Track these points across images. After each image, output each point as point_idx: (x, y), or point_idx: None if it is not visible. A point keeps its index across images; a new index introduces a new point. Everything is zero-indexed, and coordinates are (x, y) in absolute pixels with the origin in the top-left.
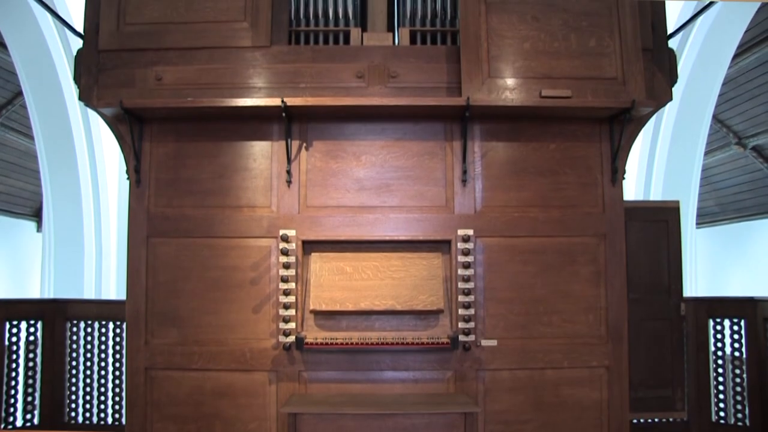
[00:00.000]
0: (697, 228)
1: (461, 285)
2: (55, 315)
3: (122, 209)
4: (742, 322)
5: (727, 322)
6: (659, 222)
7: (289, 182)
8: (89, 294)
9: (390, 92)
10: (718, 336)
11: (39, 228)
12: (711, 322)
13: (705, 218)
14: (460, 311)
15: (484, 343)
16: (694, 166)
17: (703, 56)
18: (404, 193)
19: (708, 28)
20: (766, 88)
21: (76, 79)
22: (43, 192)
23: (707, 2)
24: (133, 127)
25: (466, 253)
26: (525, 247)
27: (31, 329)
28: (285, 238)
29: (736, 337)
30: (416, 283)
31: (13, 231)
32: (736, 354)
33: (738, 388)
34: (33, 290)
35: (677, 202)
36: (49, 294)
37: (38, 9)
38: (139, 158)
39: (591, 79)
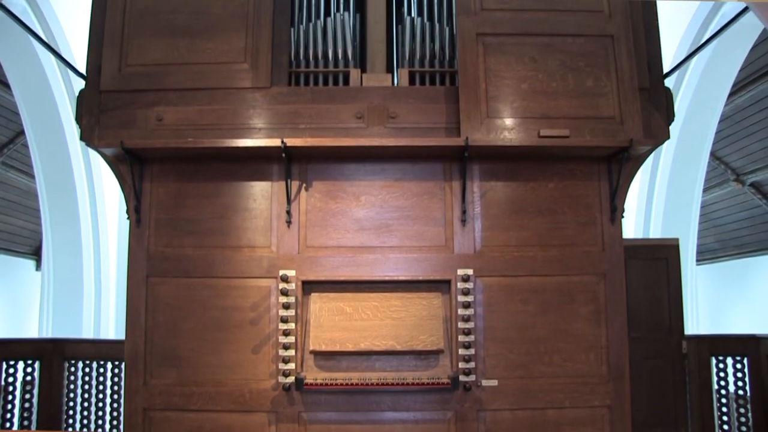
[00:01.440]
0: (697, 265)
1: (461, 325)
2: (53, 355)
3: (122, 249)
4: (745, 360)
5: (729, 360)
6: (659, 260)
7: (289, 222)
8: (88, 333)
9: (389, 133)
10: (721, 374)
11: (38, 267)
12: (713, 360)
13: (705, 255)
14: (461, 351)
15: (485, 383)
16: (693, 203)
17: (699, 95)
18: (404, 233)
19: (703, 67)
20: (762, 125)
21: (78, 119)
22: (43, 231)
23: (702, 42)
24: (133, 167)
25: (465, 292)
26: (525, 286)
27: (29, 369)
28: (285, 279)
29: (739, 375)
30: (416, 323)
31: (12, 269)
32: (740, 392)
33: (743, 428)
34: (31, 329)
35: (677, 239)
36: (48, 333)
37: (42, 50)
38: (140, 198)
39: (589, 118)
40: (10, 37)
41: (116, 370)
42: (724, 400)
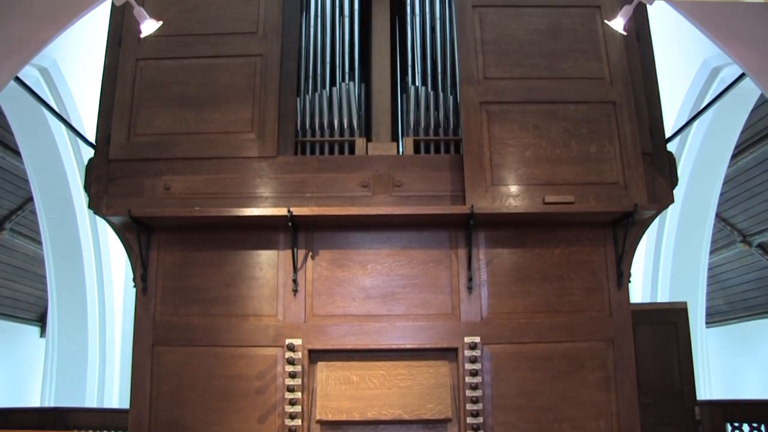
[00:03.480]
0: (707, 328)
1: (469, 393)
2: (55, 424)
3: (127, 316)
4: (762, 427)
5: (746, 427)
6: (668, 324)
7: (295, 291)
8: (91, 402)
9: (395, 201)
10: None
11: (43, 333)
12: (729, 427)
13: (715, 317)
14: (468, 420)
15: None
16: (701, 266)
17: (702, 158)
18: (410, 301)
19: (705, 131)
20: (766, 186)
21: (87, 187)
22: (49, 297)
23: (703, 107)
24: (140, 235)
25: (473, 360)
26: (532, 353)
27: None
28: (291, 347)
29: None
30: (423, 392)
31: (16, 336)
32: None
33: None
34: (34, 397)
35: (685, 303)
36: (51, 401)
37: (53, 119)
38: (146, 266)
39: (593, 184)
40: (22, 106)
41: None
42: None
